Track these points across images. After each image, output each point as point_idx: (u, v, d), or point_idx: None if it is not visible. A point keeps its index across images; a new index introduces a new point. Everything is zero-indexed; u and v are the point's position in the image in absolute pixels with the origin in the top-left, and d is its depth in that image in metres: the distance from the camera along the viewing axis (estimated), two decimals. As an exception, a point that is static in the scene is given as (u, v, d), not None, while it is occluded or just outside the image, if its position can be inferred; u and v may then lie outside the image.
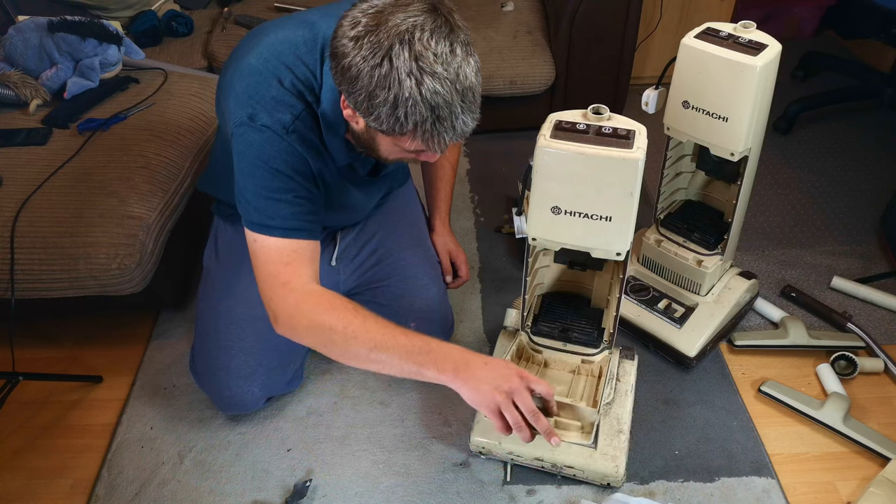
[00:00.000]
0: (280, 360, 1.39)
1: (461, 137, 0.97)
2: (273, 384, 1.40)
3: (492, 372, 1.07)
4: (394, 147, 1.02)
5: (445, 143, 0.95)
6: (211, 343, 1.36)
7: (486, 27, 2.14)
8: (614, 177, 1.02)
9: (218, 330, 1.36)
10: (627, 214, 1.05)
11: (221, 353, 1.35)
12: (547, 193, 1.07)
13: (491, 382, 1.05)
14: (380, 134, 0.99)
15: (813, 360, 1.54)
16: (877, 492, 1.26)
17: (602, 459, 1.27)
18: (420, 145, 0.96)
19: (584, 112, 1.07)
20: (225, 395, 1.36)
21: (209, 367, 1.37)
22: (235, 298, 1.37)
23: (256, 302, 1.36)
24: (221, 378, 1.35)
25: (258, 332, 1.35)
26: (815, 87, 2.40)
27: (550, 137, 1.03)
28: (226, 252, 1.42)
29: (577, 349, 1.31)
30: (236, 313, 1.36)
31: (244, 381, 1.35)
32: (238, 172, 1.09)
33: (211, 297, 1.40)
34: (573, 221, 1.07)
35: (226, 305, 1.37)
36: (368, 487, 1.33)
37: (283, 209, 1.08)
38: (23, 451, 1.43)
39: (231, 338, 1.35)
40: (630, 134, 1.03)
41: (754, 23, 1.26)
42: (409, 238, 1.50)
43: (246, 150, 1.06)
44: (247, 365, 1.35)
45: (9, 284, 1.39)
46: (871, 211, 1.91)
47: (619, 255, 1.11)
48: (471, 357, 1.08)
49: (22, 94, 1.71)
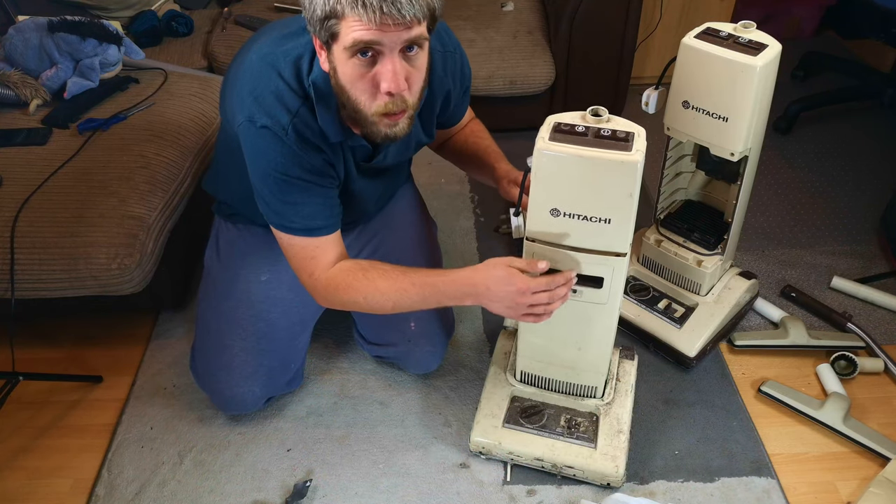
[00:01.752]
0: (281, 360, 1.39)
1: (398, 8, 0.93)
2: (274, 384, 1.40)
3: (497, 290, 1.11)
4: (348, 65, 0.99)
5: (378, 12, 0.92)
6: (212, 343, 1.36)
7: (486, 27, 2.14)
8: (613, 179, 1.02)
9: (219, 330, 1.36)
10: (627, 216, 1.05)
11: (223, 353, 1.35)
12: (546, 196, 1.07)
13: (503, 301, 1.11)
14: (338, 62, 0.99)
15: (813, 360, 1.54)
16: (877, 492, 1.26)
17: (602, 459, 1.27)
18: (361, 29, 0.93)
19: (583, 114, 1.06)
20: (226, 395, 1.36)
21: (210, 367, 1.37)
22: (237, 299, 1.37)
23: (257, 302, 1.36)
24: (222, 378, 1.35)
25: (259, 332, 1.35)
26: (815, 87, 2.40)
27: (549, 140, 1.03)
28: (227, 252, 1.42)
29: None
30: (238, 313, 1.36)
31: (245, 381, 1.35)
32: (252, 175, 1.13)
33: (212, 297, 1.40)
34: (572, 223, 1.07)
35: (227, 306, 1.37)
36: (368, 487, 1.33)
37: (300, 210, 1.12)
38: (23, 451, 1.43)
39: (232, 337, 1.35)
40: (629, 136, 1.02)
41: (754, 23, 1.26)
42: (410, 238, 1.50)
43: (254, 155, 1.10)
44: (248, 365, 1.35)
45: (9, 284, 1.39)
46: (871, 211, 1.91)
47: (620, 256, 1.11)
48: (475, 279, 1.13)
49: (22, 94, 1.71)
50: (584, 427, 1.32)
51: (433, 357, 1.44)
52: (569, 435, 1.30)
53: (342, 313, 1.52)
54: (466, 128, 1.44)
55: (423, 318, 1.42)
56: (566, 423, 1.32)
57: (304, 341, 1.44)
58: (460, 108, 1.36)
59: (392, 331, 1.42)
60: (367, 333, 1.47)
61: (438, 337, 1.44)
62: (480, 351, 1.58)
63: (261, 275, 1.39)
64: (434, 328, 1.43)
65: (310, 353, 1.57)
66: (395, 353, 1.45)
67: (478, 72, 2.04)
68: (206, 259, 1.46)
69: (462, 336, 1.62)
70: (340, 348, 1.60)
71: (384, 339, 1.44)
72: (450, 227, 1.93)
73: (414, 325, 1.41)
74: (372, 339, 1.47)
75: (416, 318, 1.41)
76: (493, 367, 1.41)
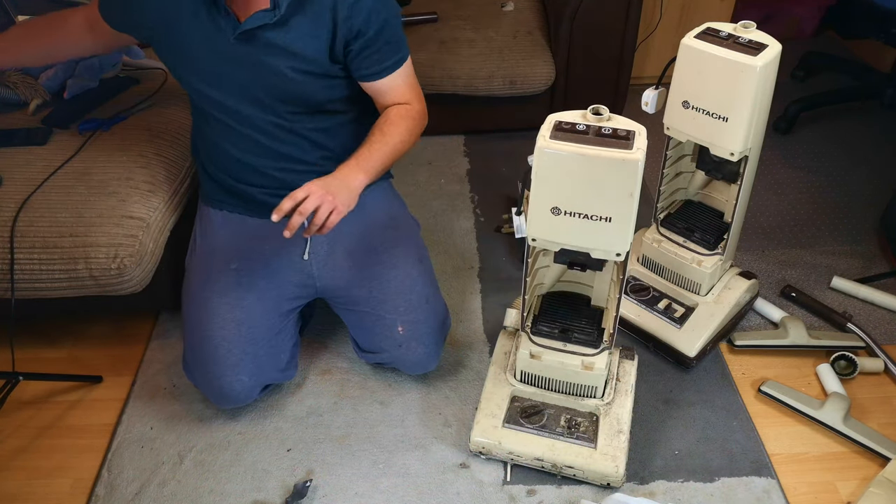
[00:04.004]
0: (266, 348, 1.39)
1: None
2: (262, 372, 1.39)
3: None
4: None
5: None
6: (196, 336, 1.37)
7: (486, 27, 2.14)
8: (614, 177, 1.02)
9: (200, 321, 1.37)
10: (627, 215, 1.05)
11: (205, 344, 1.35)
12: (546, 194, 1.07)
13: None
14: None
15: (813, 360, 1.54)
16: (877, 492, 1.26)
17: (602, 459, 1.27)
18: None
19: (584, 112, 1.07)
20: (215, 387, 1.36)
21: (198, 360, 1.37)
22: (211, 289, 1.38)
23: (230, 289, 1.38)
24: (209, 369, 1.36)
25: (236, 319, 1.36)
26: (815, 87, 2.40)
27: (550, 138, 1.03)
28: (201, 246, 1.45)
29: (576, 349, 1.31)
30: (213, 303, 1.37)
31: (231, 371, 1.35)
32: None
33: (191, 289, 1.42)
34: (573, 222, 1.07)
35: (203, 297, 1.38)
36: (368, 487, 1.33)
37: None
38: (23, 451, 1.43)
39: (212, 328, 1.35)
40: (630, 134, 1.02)
41: (754, 23, 1.26)
42: (384, 240, 1.46)
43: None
44: (231, 354, 1.35)
45: (9, 284, 1.39)
46: (871, 211, 1.91)
47: (619, 256, 1.11)
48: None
49: (22, 94, 1.70)
50: (585, 427, 1.32)
51: (428, 358, 1.44)
52: (569, 435, 1.30)
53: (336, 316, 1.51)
54: (389, 112, 1.33)
55: (411, 321, 1.40)
56: (566, 423, 1.32)
57: (289, 329, 1.44)
58: (370, 60, 1.29)
59: (381, 338, 1.41)
60: (361, 342, 1.48)
61: (430, 337, 1.42)
62: (480, 351, 1.58)
63: (230, 263, 1.41)
64: (423, 329, 1.41)
65: (309, 353, 1.58)
66: (389, 359, 1.45)
67: (478, 72, 2.04)
68: (186, 259, 1.50)
69: (462, 336, 1.62)
70: (340, 348, 1.60)
71: (375, 346, 1.44)
72: (450, 227, 1.93)
73: (402, 328, 1.40)
74: (366, 348, 1.47)
75: (403, 322, 1.40)
76: (493, 367, 1.41)
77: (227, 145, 1.38)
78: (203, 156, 1.47)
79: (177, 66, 1.34)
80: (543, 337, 1.32)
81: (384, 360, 1.47)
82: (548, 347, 1.32)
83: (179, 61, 1.32)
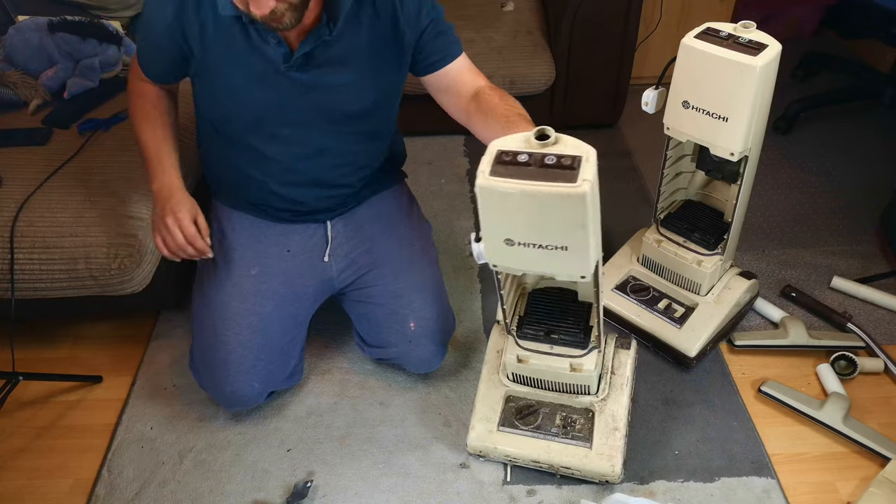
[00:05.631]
0: (279, 355, 1.39)
1: None
2: (273, 378, 1.40)
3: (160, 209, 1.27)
4: None
5: None
6: (208, 339, 1.37)
7: (486, 27, 2.14)
8: (561, 212, 0.93)
9: (214, 325, 1.36)
10: (583, 244, 0.97)
11: (220, 349, 1.35)
12: (495, 228, 1.00)
13: (155, 213, 1.25)
14: None
15: (813, 360, 1.54)
16: (877, 492, 1.26)
17: (598, 459, 1.27)
18: None
19: (528, 137, 0.97)
20: (226, 391, 1.36)
21: (209, 363, 1.37)
22: (228, 293, 1.37)
23: (249, 296, 1.37)
24: (221, 373, 1.35)
25: (252, 326, 1.35)
26: (815, 87, 2.40)
27: (490, 174, 0.93)
28: (217, 247, 1.42)
29: (563, 351, 1.28)
30: (230, 308, 1.36)
31: (244, 376, 1.35)
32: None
33: (204, 292, 1.41)
34: (529, 251, 1.01)
35: (219, 300, 1.37)
36: (368, 487, 1.33)
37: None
38: (23, 451, 1.43)
39: (227, 333, 1.35)
40: (576, 162, 0.91)
41: (754, 23, 1.26)
42: (402, 238, 1.48)
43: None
44: (245, 359, 1.35)
45: (9, 284, 1.39)
46: (871, 211, 1.91)
47: (585, 278, 1.05)
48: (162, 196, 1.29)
49: (22, 94, 1.71)
50: (580, 425, 1.31)
51: (435, 356, 1.44)
52: (564, 435, 1.30)
53: (342, 312, 1.52)
54: (481, 96, 1.25)
55: (424, 318, 1.42)
56: (561, 422, 1.31)
57: (301, 336, 1.44)
58: (445, 40, 1.27)
59: (392, 332, 1.42)
60: (367, 336, 1.47)
61: (439, 335, 1.44)
62: (480, 351, 1.58)
63: (250, 269, 1.39)
64: (434, 327, 1.43)
65: (310, 353, 1.57)
66: (396, 354, 1.45)
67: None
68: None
69: (462, 336, 1.62)
70: (340, 348, 1.60)
71: (384, 340, 1.44)
72: (450, 227, 1.93)
73: (414, 325, 1.41)
74: (372, 342, 1.47)
75: (416, 318, 1.41)
76: (486, 367, 1.39)
77: (258, 174, 1.35)
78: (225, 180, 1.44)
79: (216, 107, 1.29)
80: (529, 340, 1.29)
81: (390, 356, 1.47)
82: (534, 351, 1.29)
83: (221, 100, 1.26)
